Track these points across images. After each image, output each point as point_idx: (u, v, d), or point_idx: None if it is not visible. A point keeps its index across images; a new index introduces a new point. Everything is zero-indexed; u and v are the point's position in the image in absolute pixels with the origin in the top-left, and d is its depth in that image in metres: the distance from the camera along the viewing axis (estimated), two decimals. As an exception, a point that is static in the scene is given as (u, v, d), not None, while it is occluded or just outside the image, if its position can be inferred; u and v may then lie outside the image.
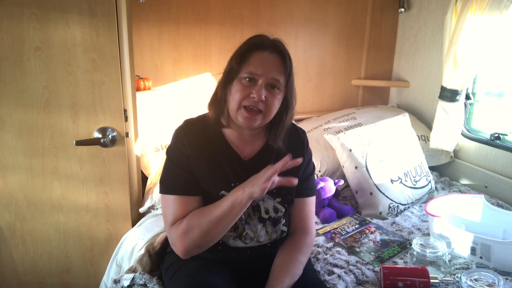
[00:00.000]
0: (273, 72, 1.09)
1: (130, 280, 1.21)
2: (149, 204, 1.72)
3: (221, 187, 1.14)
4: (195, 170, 1.14)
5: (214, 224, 1.06)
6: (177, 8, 2.10)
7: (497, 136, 2.04)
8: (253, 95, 1.07)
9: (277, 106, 1.13)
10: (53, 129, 1.49)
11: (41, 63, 1.42)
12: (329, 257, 1.44)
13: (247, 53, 1.11)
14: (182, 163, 1.14)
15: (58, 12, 1.39)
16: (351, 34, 2.56)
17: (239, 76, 1.10)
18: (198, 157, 1.14)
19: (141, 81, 1.95)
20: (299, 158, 1.07)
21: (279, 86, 1.11)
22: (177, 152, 1.15)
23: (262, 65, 1.08)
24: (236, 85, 1.10)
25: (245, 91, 1.08)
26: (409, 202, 1.88)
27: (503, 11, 1.79)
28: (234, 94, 1.10)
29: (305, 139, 1.30)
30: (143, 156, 1.86)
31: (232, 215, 1.06)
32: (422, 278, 1.21)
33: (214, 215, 1.06)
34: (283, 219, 1.23)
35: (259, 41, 1.12)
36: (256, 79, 1.09)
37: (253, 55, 1.10)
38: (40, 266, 1.64)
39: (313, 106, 2.60)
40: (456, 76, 2.02)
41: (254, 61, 1.09)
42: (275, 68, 1.10)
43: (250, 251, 1.19)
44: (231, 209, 1.05)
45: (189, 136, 1.16)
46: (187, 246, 1.08)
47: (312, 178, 1.30)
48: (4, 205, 1.53)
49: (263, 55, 1.10)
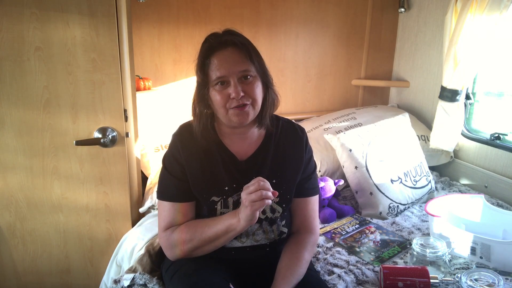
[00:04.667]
0: (238, 66, 1.08)
1: (130, 280, 1.21)
2: (149, 204, 1.72)
3: (213, 193, 1.15)
4: (188, 176, 1.15)
5: (206, 242, 1.11)
6: (177, 8, 2.10)
7: (497, 136, 2.04)
8: (232, 96, 1.07)
9: (258, 91, 1.12)
10: (53, 129, 1.49)
11: (41, 63, 1.42)
12: (329, 257, 1.44)
13: (205, 60, 1.10)
14: (175, 171, 1.16)
15: (58, 12, 1.39)
16: (351, 34, 2.56)
17: (210, 85, 1.09)
18: (192, 163, 1.15)
19: (141, 81, 1.95)
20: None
21: (251, 74, 1.10)
22: (172, 159, 1.17)
23: (224, 66, 1.07)
24: (213, 94, 1.09)
25: (223, 94, 1.08)
26: (409, 202, 1.88)
27: (503, 11, 1.79)
28: (215, 102, 1.10)
29: (304, 137, 1.27)
30: (143, 156, 1.86)
31: (225, 238, 1.10)
32: (422, 278, 1.21)
33: (207, 235, 1.10)
34: (281, 220, 1.22)
35: (210, 44, 1.10)
36: (227, 80, 1.08)
37: (212, 60, 1.09)
38: (40, 266, 1.64)
39: (313, 106, 2.60)
40: (456, 76, 2.02)
41: (215, 65, 1.08)
42: (237, 61, 1.08)
43: (249, 249, 1.19)
44: (225, 233, 1.08)
45: (183, 142, 1.17)
46: (177, 256, 1.15)
47: (314, 177, 1.29)
48: (4, 205, 1.53)
49: (220, 56, 1.08)
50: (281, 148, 1.22)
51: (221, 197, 1.15)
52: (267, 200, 0.98)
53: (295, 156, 1.23)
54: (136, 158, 1.69)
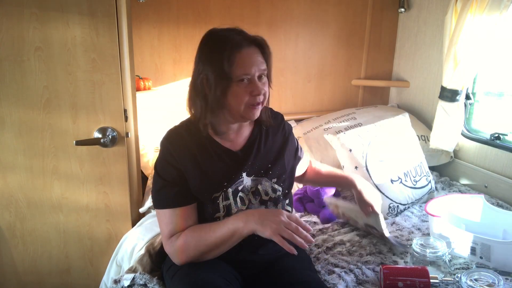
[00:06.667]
0: (261, 65, 1.12)
1: (130, 280, 1.21)
2: (149, 204, 1.71)
3: (213, 190, 1.16)
4: (187, 178, 1.14)
5: (211, 247, 1.09)
6: (177, 8, 2.10)
7: (497, 136, 2.04)
8: (255, 93, 1.10)
9: (268, 90, 1.18)
10: (53, 129, 1.49)
11: (41, 63, 1.42)
12: (329, 257, 1.44)
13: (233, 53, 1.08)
14: (170, 176, 1.14)
15: (58, 12, 1.39)
16: (351, 34, 2.56)
17: (234, 79, 1.08)
18: (188, 165, 1.14)
19: (141, 81, 1.95)
20: None
21: (266, 74, 1.15)
22: (165, 164, 1.15)
23: (252, 64, 1.10)
24: (235, 89, 1.09)
25: (246, 91, 1.10)
26: (409, 202, 1.88)
27: (503, 11, 1.79)
28: (236, 97, 1.10)
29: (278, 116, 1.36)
30: (143, 156, 1.86)
31: (231, 242, 1.09)
32: (422, 278, 1.21)
33: (212, 239, 1.08)
34: (284, 199, 1.26)
35: (240, 39, 1.10)
36: (251, 78, 1.10)
37: (240, 55, 1.08)
38: (40, 266, 1.64)
39: (313, 106, 2.60)
40: (456, 76, 2.02)
41: (243, 61, 1.08)
42: (261, 60, 1.13)
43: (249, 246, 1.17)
44: (230, 237, 1.07)
45: (176, 146, 1.16)
46: (185, 261, 1.12)
47: (299, 148, 1.43)
48: (4, 205, 1.53)
49: (247, 53, 1.10)
50: (270, 134, 1.29)
51: (221, 191, 1.16)
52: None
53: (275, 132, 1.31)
54: (136, 158, 1.68)
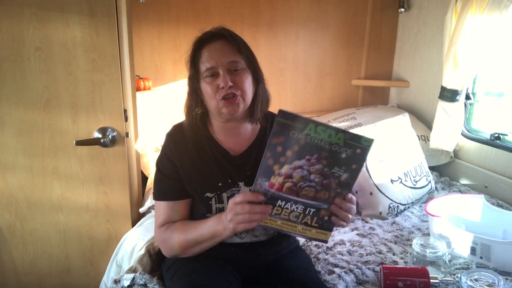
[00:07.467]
0: (227, 57, 1.10)
1: (130, 280, 1.21)
2: (149, 204, 1.71)
3: (206, 189, 1.16)
4: (181, 174, 1.16)
5: (192, 244, 1.11)
6: (177, 8, 2.10)
7: (497, 136, 2.03)
8: (221, 86, 1.08)
9: (248, 84, 1.13)
10: (53, 129, 1.49)
11: (41, 63, 1.42)
12: (329, 257, 1.44)
13: (195, 53, 1.13)
14: (167, 170, 1.18)
15: (58, 12, 1.39)
16: (351, 34, 2.56)
17: (201, 78, 1.12)
18: (184, 161, 1.16)
19: (141, 81, 1.95)
20: None
21: (240, 66, 1.11)
22: (165, 159, 1.19)
23: (213, 56, 1.09)
24: (204, 86, 1.11)
25: (213, 86, 1.09)
26: (409, 202, 1.88)
27: (503, 11, 1.79)
28: (206, 94, 1.11)
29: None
30: (143, 156, 1.86)
31: (211, 243, 1.09)
32: (422, 278, 1.21)
33: (193, 237, 1.10)
34: None
35: (200, 38, 1.13)
36: (216, 71, 1.09)
37: (202, 52, 1.11)
38: (40, 266, 1.64)
39: (313, 106, 2.60)
40: (456, 76, 2.02)
41: (205, 57, 1.10)
42: (226, 52, 1.10)
43: (248, 245, 1.19)
44: (211, 238, 1.07)
45: (176, 141, 1.19)
46: (169, 254, 1.17)
47: None
48: (4, 205, 1.53)
49: (209, 48, 1.11)
50: None
51: (215, 193, 1.16)
52: (254, 222, 0.95)
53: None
54: (136, 158, 1.68)
